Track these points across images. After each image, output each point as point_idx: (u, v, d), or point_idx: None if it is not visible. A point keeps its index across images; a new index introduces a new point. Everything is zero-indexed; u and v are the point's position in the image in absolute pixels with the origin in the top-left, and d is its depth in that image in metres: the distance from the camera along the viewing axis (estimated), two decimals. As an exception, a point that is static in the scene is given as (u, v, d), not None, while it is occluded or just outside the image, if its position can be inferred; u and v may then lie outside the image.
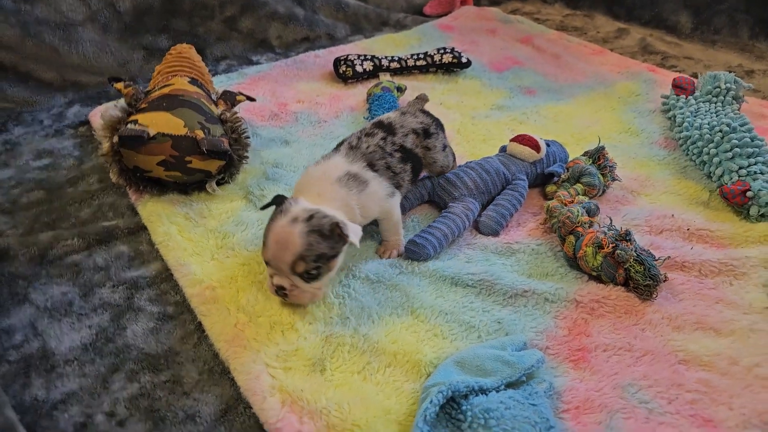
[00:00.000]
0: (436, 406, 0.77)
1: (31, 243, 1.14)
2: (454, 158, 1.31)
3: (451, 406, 0.80)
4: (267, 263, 0.97)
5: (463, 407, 0.79)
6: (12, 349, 0.97)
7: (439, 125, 1.24)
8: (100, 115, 1.27)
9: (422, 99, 1.27)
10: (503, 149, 1.35)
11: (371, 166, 1.08)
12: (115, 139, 1.16)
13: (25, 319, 1.02)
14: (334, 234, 0.93)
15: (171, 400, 0.90)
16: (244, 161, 1.34)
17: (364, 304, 1.01)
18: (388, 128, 1.15)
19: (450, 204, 1.19)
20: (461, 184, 1.21)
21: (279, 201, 0.99)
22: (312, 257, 0.92)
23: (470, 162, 1.30)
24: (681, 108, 1.54)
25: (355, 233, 0.94)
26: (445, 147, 1.23)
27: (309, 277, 0.95)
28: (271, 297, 1.03)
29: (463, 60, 1.88)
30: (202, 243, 1.15)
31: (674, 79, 1.62)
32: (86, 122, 1.63)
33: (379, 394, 0.86)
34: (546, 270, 1.09)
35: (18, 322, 1.02)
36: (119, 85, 1.30)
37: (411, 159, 1.15)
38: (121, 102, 1.28)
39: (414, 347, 0.93)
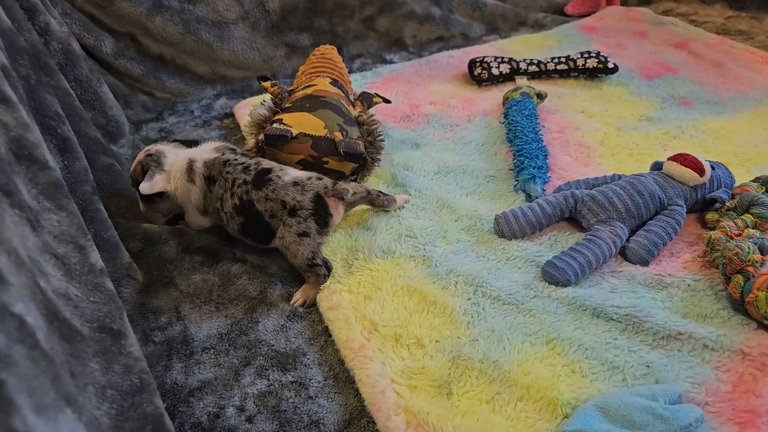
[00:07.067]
0: (576, 455, 0.70)
1: (179, 231, 1.21)
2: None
3: (592, 455, 0.74)
4: None
5: (606, 460, 0.72)
6: (158, 330, 1.03)
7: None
8: (248, 112, 1.32)
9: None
10: (657, 166, 1.22)
11: (210, 181, 1.13)
12: (261, 136, 1.20)
13: (170, 301, 1.08)
14: (144, 174, 1.14)
15: (297, 402, 0.91)
16: (376, 164, 1.34)
17: (494, 326, 0.96)
18: (262, 183, 1.08)
19: (595, 226, 1.10)
20: (610, 206, 1.11)
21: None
22: (133, 175, 1.18)
23: (620, 179, 1.19)
24: None
25: (148, 186, 1.12)
26: (304, 234, 1.06)
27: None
28: (395, 306, 1.02)
29: (610, 65, 1.74)
30: (331, 245, 1.16)
31: None
32: (231, 114, 1.72)
33: (509, 429, 0.81)
34: (704, 311, 0.97)
35: (164, 303, 1.08)
36: (266, 84, 1.35)
37: (248, 216, 1.10)
38: (268, 101, 1.32)
39: (549, 382, 0.86)
